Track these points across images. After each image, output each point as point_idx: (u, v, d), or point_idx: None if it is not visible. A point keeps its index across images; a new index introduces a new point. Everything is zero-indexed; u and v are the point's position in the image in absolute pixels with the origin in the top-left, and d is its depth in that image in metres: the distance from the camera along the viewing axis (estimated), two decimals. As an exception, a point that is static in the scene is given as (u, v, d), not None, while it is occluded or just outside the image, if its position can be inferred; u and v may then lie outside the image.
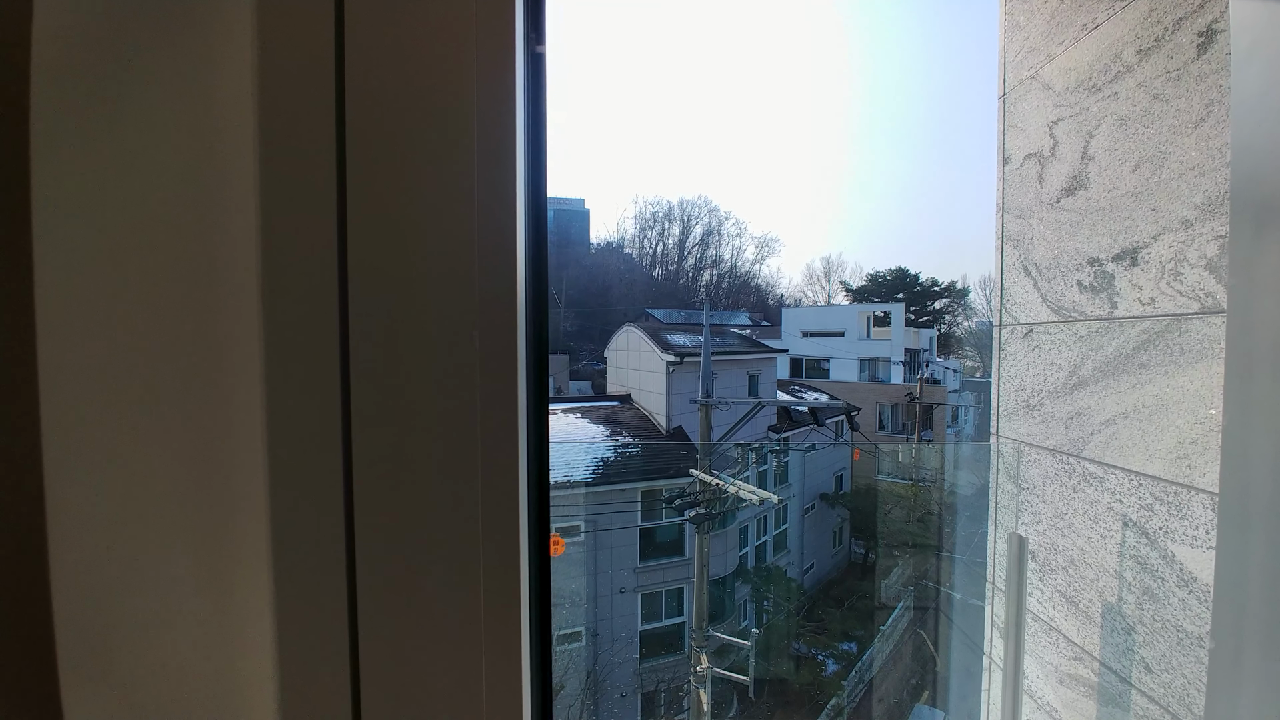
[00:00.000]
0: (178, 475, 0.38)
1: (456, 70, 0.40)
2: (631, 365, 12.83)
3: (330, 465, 0.39)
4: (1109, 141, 1.31)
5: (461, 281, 0.39)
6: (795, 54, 58.78)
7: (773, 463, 12.48)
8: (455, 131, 0.40)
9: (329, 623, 0.41)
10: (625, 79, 62.33)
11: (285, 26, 0.38)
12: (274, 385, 0.39)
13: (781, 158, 60.45)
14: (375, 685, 0.41)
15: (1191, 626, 1.10)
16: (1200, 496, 1.08)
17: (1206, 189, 1.08)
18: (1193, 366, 1.10)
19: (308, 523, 0.40)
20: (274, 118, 0.38)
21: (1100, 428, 1.32)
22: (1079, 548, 1.38)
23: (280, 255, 0.38)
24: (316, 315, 0.38)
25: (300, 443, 0.39)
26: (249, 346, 0.38)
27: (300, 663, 0.40)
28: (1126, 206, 1.26)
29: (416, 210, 0.39)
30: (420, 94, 0.39)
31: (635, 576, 9.85)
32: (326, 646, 0.41)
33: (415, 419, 0.40)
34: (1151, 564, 1.18)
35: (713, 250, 37.79)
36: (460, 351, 0.39)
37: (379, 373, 0.39)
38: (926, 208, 53.57)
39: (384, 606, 0.41)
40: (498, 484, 0.41)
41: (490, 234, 0.39)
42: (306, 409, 0.39)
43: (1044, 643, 1.49)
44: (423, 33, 0.39)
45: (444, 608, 0.41)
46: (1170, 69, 1.17)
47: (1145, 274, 1.21)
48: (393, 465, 0.40)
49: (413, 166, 0.39)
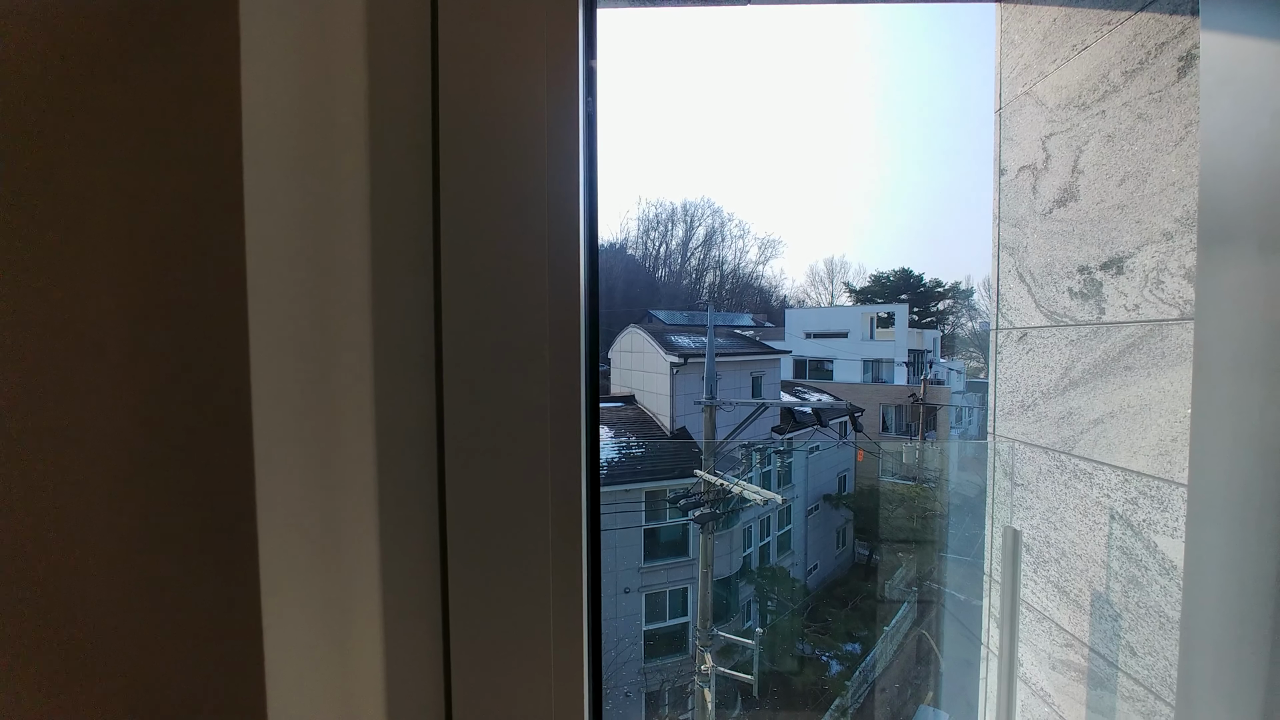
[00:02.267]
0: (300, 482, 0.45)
1: (531, 88, 0.44)
2: (635, 366, 12.89)
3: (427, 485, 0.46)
4: (1097, 156, 1.39)
5: (538, 293, 0.45)
6: (801, 58, 58.83)
7: (776, 463, 12.52)
8: (530, 146, 0.44)
9: (425, 623, 0.46)
10: (627, 80, 62.48)
11: (389, 30, 0.44)
12: (382, 393, 0.45)
13: (785, 160, 60.53)
14: (466, 678, 0.46)
15: (1172, 611, 1.18)
16: (1180, 490, 1.15)
17: (1185, 204, 1.16)
18: (1173, 369, 1.18)
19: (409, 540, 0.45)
20: (381, 126, 0.44)
21: (1089, 426, 1.39)
22: (1070, 540, 1.45)
23: (385, 268, 0.44)
24: (416, 328, 0.46)
25: (403, 446, 0.45)
26: (361, 342, 0.45)
27: (402, 665, 0.46)
28: (1113, 218, 1.34)
29: (501, 220, 0.44)
30: (502, 105, 0.44)
31: (640, 576, 9.90)
32: (422, 648, 0.46)
33: (502, 434, 0.45)
34: (1136, 554, 1.26)
35: (716, 252, 37.87)
36: (538, 364, 0.45)
37: (471, 388, 0.45)
38: (929, 209, 53.57)
39: (474, 610, 0.46)
40: (564, 488, 0.46)
41: (558, 245, 0.45)
42: (408, 421, 0.45)
43: (1037, 631, 1.57)
44: (505, 50, 0.44)
45: (523, 605, 0.46)
46: (1153, 90, 1.25)
47: (1130, 282, 1.29)
48: (482, 482, 0.45)
49: (497, 177, 0.44)
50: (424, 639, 0.47)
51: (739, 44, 60.54)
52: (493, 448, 0.46)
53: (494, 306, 0.45)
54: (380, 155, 0.45)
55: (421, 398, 0.46)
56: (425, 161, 0.46)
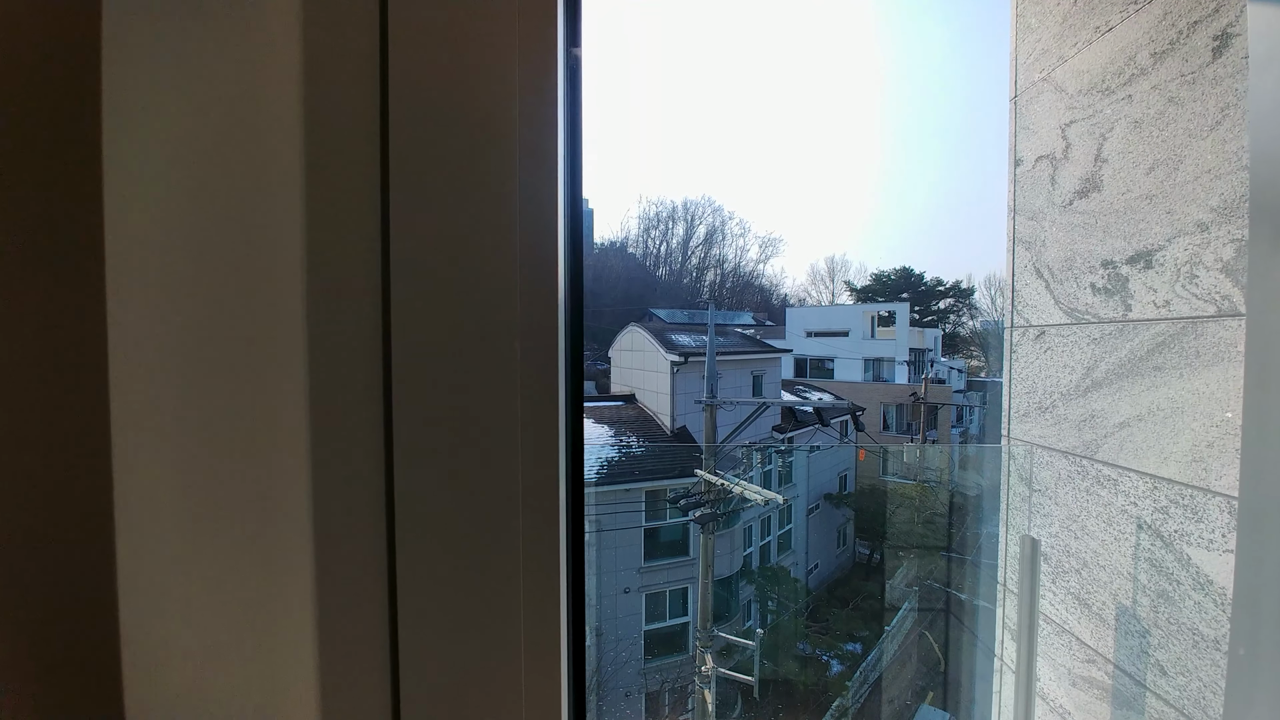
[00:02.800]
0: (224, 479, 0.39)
1: (500, 73, 0.40)
2: (636, 365, 12.84)
3: (372, 478, 0.40)
4: (1123, 144, 1.31)
5: (505, 288, 0.40)
6: (800, 54, 58.70)
7: (777, 463, 12.46)
8: (498, 134, 0.40)
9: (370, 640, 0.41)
10: (629, 79, 62.35)
11: (330, 26, 0.38)
12: (317, 395, 0.39)
13: (785, 158, 60.40)
14: (416, 704, 0.42)
15: (1207, 630, 1.10)
16: (1216, 500, 1.08)
17: (1223, 192, 1.08)
18: (1208, 370, 1.10)
19: (349, 534, 0.40)
20: (319, 119, 0.39)
21: (1114, 430, 1.32)
22: (1092, 550, 1.38)
23: (323, 264, 0.39)
24: (359, 328, 0.39)
25: (342, 453, 0.40)
26: (293, 355, 0.39)
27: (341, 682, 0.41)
28: (1141, 209, 1.26)
29: (460, 215, 0.40)
30: (464, 96, 0.39)
31: (640, 576, 9.85)
32: (367, 664, 0.41)
33: (459, 429, 0.40)
34: (1167, 567, 1.18)
35: (716, 250, 37.78)
36: (504, 359, 0.39)
37: (423, 382, 0.39)
38: (931, 207, 53.45)
39: (426, 624, 0.41)
40: (538, 490, 0.41)
41: (532, 239, 0.40)
42: (349, 419, 0.40)
43: (1056, 645, 1.50)
44: (466, 35, 0.40)
45: (486, 618, 0.42)
46: (1185, 72, 1.17)
47: (1160, 277, 1.21)
48: (436, 478, 0.40)
49: (456, 170, 0.40)
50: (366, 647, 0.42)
51: (729, 32, 60.34)
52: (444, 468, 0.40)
53: (448, 304, 0.40)
54: (317, 146, 0.40)
55: (366, 399, 0.39)
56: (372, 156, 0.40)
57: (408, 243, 0.39)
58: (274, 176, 0.39)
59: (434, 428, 0.40)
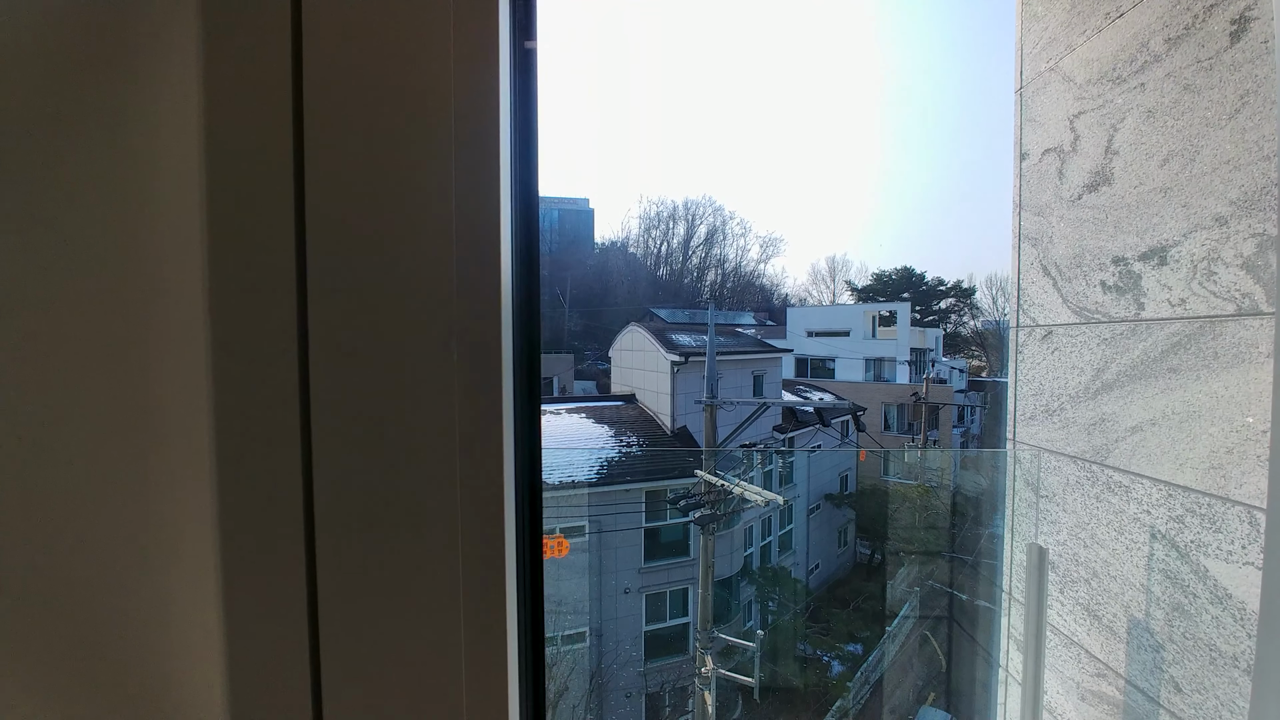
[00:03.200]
0: (124, 495, 0.34)
1: (431, 65, 0.37)
2: (636, 365, 12.79)
3: (288, 483, 0.35)
4: (1135, 135, 1.25)
5: (436, 288, 0.35)
6: (799, 50, 58.56)
7: (777, 463, 12.41)
8: (430, 129, 0.36)
9: (288, 640, 0.38)
10: (630, 78, 62.24)
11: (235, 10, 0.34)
12: (224, 398, 0.34)
13: (785, 157, 60.26)
14: (337, 693, 0.39)
15: (1226, 645, 1.04)
16: (1236, 509, 1.02)
17: (1243, 184, 1.03)
18: (1228, 371, 1.04)
19: (263, 539, 0.36)
20: (225, 106, 0.34)
21: (1126, 434, 1.26)
22: (1102, 559, 1.32)
23: (230, 260, 0.34)
24: (271, 325, 0.34)
25: (254, 459, 0.35)
26: (197, 357, 0.34)
27: (255, 674, 0.38)
28: (1155, 203, 1.20)
29: (382, 212, 0.36)
30: (387, 89, 0.36)
31: (640, 577, 9.81)
32: (284, 655, 0.38)
33: (381, 432, 0.36)
34: (1182, 579, 1.12)
35: (717, 250, 37.70)
36: (434, 360, 0.35)
37: (340, 381, 0.35)
38: (932, 206, 53.26)
39: (348, 624, 0.38)
40: (480, 492, 0.38)
41: (470, 236, 0.36)
42: (261, 423, 0.35)
43: (1064, 657, 1.44)
44: (391, 23, 0.36)
45: (419, 623, 0.38)
46: (1201, 58, 1.12)
47: (1175, 274, 1.15)
48: (357, 478, 0.36)
49: (378, 164, 0.36)
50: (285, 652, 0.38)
51: (728, 32, 60.20)
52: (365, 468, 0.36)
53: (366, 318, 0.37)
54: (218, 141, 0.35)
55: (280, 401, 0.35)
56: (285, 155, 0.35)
57: (323, 240, 0.35)
58: (174, 170, 0.35)
59: (353, 428, 0.36)
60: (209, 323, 0.33)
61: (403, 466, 0.37)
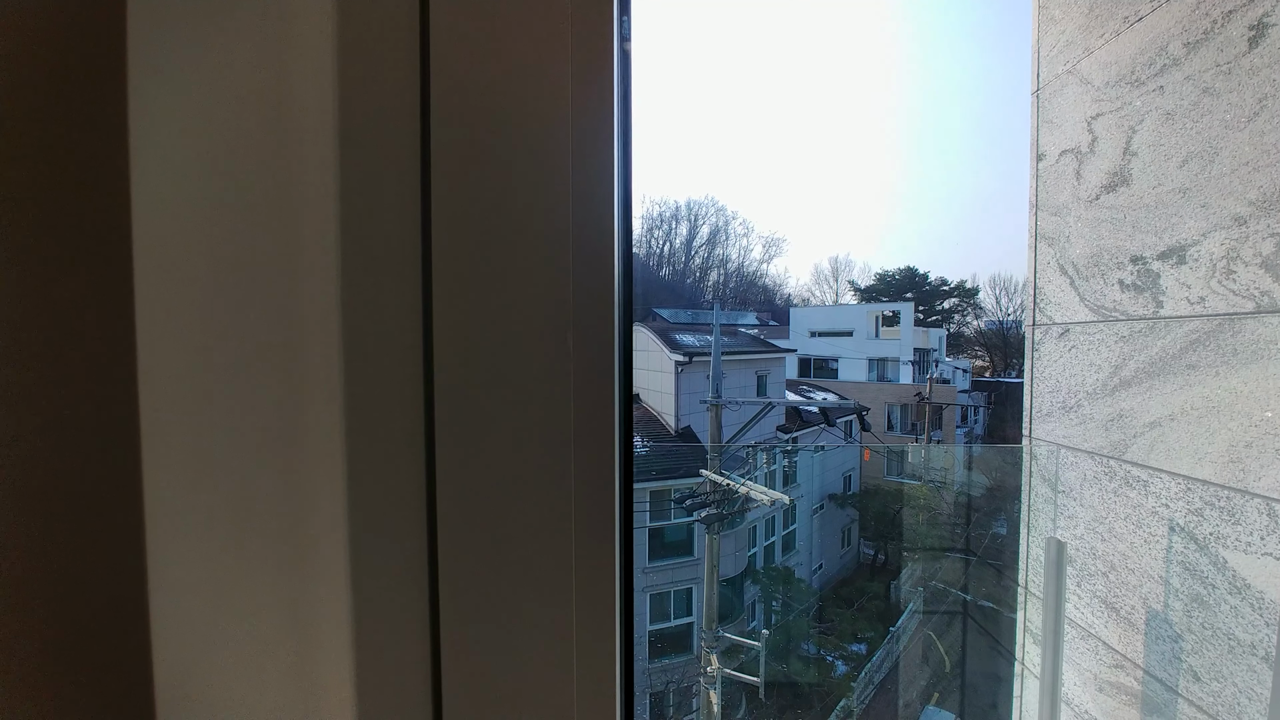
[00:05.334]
0: (256, 482, 0.37)
1: (553, 67, 0.38)
2: (639, 365, 12.79)
3: (412, 480, 0.38)
4: (1154, 136, 1.28)
5: (558, 281, 0.38)
6: (804, 50, 58.55)
7: (782, 463, 12.42)
8: (551, 128, 0.38)
9: (412, 657, 0.39)
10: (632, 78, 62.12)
11: (368, 19, 0.36)
12: (353, 391, 0.37)
13: (788, 157, 60.26)
14: (457, 690, 0.40)
15: (1244, 635, 1.07)
16: (1255, 501, 1.05)
17: (1261, 185, 1.05)
18: (1246, 367, 1.07)
19: (389, 542, 0.38)
20: (356, 111, 0.37)
21: (1144, 430, 1.28)
22: (1120, 553, 1.35)
23: (361, 253, 0.37)
24: (399, 318, 0.37)
25: (381, 456, 0.38)
26: (328, 349, 0.37)
27: (381, 696, 0.39)
28: (1173, 203, 1.23)
29: (508, 208, 0.38)
30: (514, 91, 0.38)
31: (644, 577, 9.83)
32: (409, 681, 0.39)
33: (505, 426, 0.38)
34: (1201, 570, 1.15)
35: (720, 250, 37.72)
36: (555, 353, 0.37)
37: (465, 377, 0.37)
38: (936, 206, 53.20)
39: (470, 640, 0.39)
40: (592, 492, 0.39)
41: (587, 233, 0.38)
42: (387, 420, 0.38)
43: (1082, 649, 1.47)
44: (515, 28, 0.38)
45: (538, 628, 0.39)
46: (1220, 62, 1.14)
47: (1194, 272, 1.18)
48: (479, 479, 0.38)
49: (505, 164, 0.38)
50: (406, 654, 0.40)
51: (731, 31, 60.21)
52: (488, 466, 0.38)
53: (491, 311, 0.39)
54: (354, 153, 0.38)
55: (406, 399, 0.37)
56: (413, 161, 0.38)
57: (449, 240, 0.37)
58: (308, 170, 0.37)
59: (478, 425, 0.38)
60: (341, 320, 0.36)
61: (523, 458, 0.38)
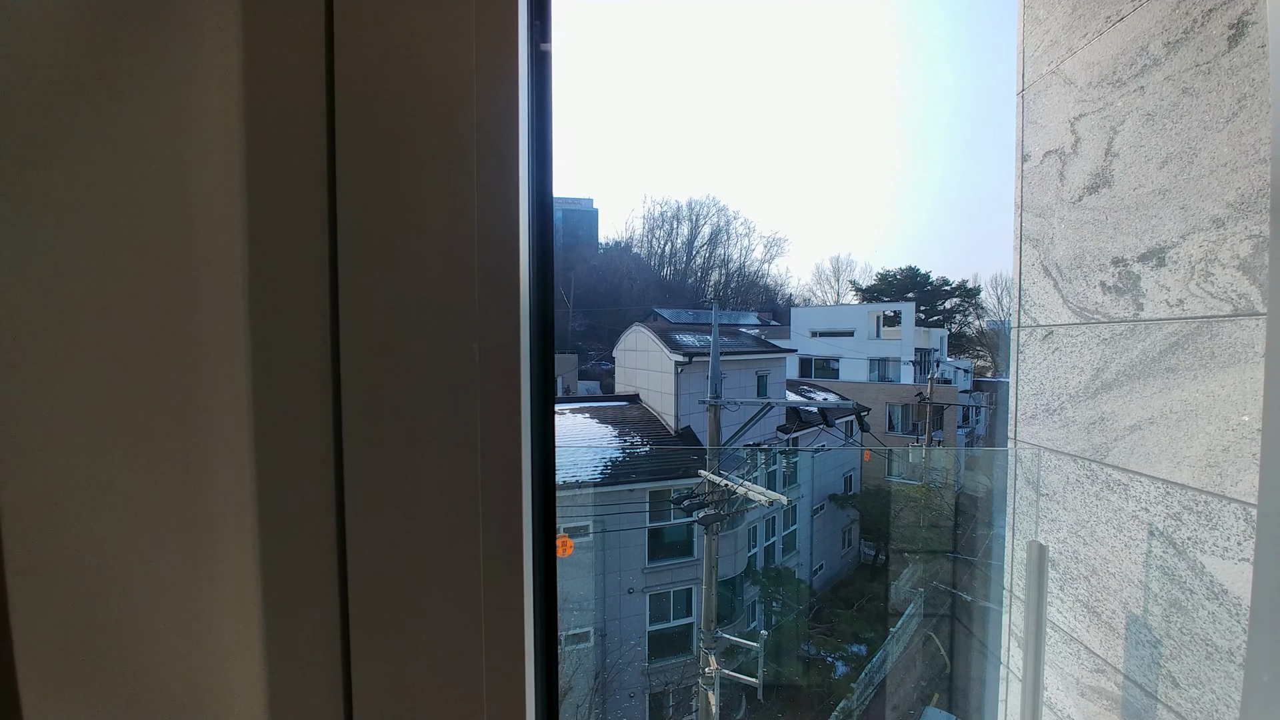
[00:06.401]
0: (162, 486, 0.37)
1: (455, 68, 0.38)
2: (640, 365, 12.79)
3: (320, 476, 0.37)
4: (1134, 137, 1.27)
5: (462, 289, 0.37)
6: (802, 51, 58.45)
7: (781, 463, 12.41)
8: (454, 131, 0.38)
9: (319, 628, 0.40)
10: (634, 78, 62.28)
11: (273, 20, 0.36)
12: (261, 394, 0.37)
13: (789, 158, 60.15)
14: (368, 689, 0.40)
15: (1222, 641, 1.06)
16: (1232, 506, 1.04)
17: (1239, 186, 1.04)
18: (1224, 371, 1.06)
19: (297, 532, 0.38)
20: (261, 116, 0.37)
21: (1125, 433, 1.27)
22: (1101, 556, 1.34)
23: (267, 261, 0.36)
24: (305, 325, 0.37)
25: (289, 453, 0.37)
26: (235, 354, 0.36)
27: (289, 669, 0.39)
28: (1153, 204, 1.22)
29: (412, 214, 0.38)
30: (415, 93, 0.38)
31: (644, 577, 9.82)
32: (317, 651, 0.40)
33: (411, 430, 0.38)
34: (1179, 575, 1.14)
35: (721, 250, 37.71)
36: (460, 361, 0.37)
37: (373, 382, 0.37)
38: (937, 206, 53.06)
39: (377, 613, 0.40)
40: (499, 492, 0.39)
41: (492, 238, 0.37)
42: (295, 419, 0.37)
43: (1064, 653, 1.46)
44: (418, 30, 0.38)
45: (443, 614, 0.40)
46: (1200, 62, 1.13)
47: (1173, 274, 1.17)
48: (386, 478, 0.38)
49: (407, 168, 0.38)
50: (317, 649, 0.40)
51: (733, 32, 60.08)
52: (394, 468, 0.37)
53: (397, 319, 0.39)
54: (258, 146, 0.37)
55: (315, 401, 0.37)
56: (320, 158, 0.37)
57: (355, 247, 0.37)
58: (213, 175, 0.37)
59: (383, 427, 0.38)
60: (247, 325, 0.36)
61: (428, 463, 0.38)
